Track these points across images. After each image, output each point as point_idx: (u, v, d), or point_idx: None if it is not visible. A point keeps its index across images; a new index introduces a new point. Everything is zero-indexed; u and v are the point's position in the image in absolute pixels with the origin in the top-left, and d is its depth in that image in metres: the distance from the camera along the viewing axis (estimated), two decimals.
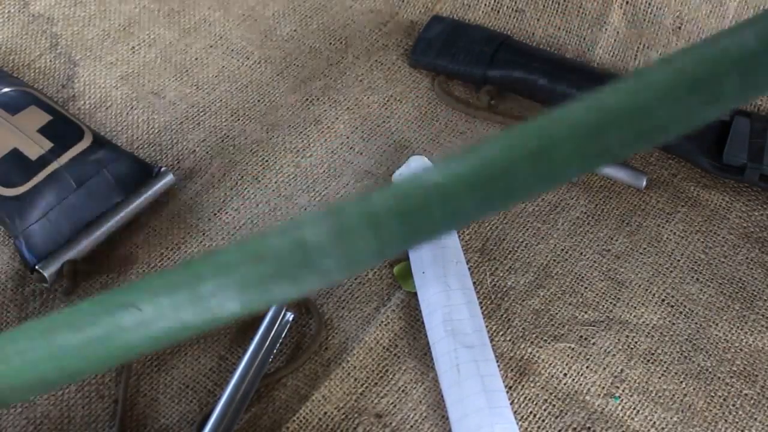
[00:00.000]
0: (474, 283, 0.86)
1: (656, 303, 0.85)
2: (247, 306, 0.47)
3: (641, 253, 0.89)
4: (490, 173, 0.44)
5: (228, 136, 0.99)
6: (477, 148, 0.45)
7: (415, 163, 0.92)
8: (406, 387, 0.80)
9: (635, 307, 0.85)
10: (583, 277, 0.87)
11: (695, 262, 0.88)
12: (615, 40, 1.04)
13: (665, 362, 0.81)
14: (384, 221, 0.44)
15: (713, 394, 0.79)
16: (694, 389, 0.79)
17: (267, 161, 0.97)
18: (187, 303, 0.47)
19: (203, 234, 0.91)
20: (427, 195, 0.44)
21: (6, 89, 0.95)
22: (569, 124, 0.44)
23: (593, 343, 0.82)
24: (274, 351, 0.81)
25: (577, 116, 0.44)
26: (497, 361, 0.80)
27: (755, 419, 0.77)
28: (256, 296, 0.46)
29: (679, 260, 0.88)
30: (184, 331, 0.48)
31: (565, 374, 0.80)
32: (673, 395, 0.79)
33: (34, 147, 0.89)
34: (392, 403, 0.79)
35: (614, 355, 0.81)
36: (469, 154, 0.45)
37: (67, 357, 0.50)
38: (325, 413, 0.78)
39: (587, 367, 0.81)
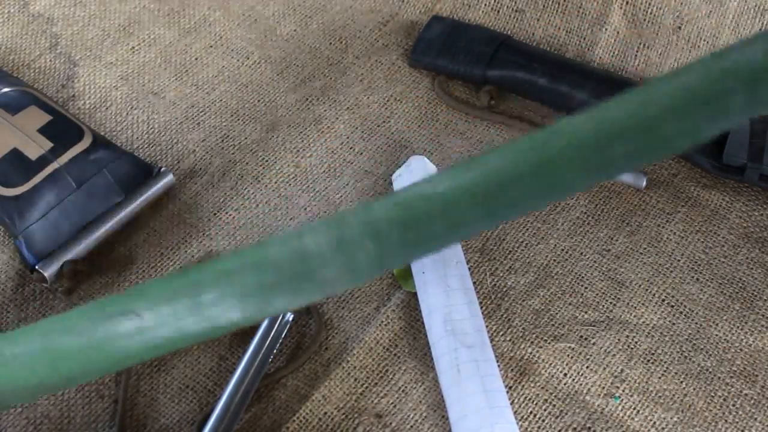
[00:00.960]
0: (474, 283, 0.86)
1: (656, 303, 0.85)
2: (248, 315, 0.46)
3: (641, 253, 0.89)
4: (494, 185, 0.43)
5: (228, 136, 0.99)
6: (481, 159, 0.44)
7: (416, 163, 0.92)
8: (406, 387, 0.80)
9: (635, 307, 0.85)
10: (583, 277, 0.87)
11: (695, 262, 0.88)
12: (615, 40, 1.04)
13: (665, 362, 0.81)
14: (385, 232, 0.44)
15: (713, 394, 0.79)
16: (694, 389, 0.79)
17: (267, 161, 0.97)
18: (186, 311, 0.46)
19: (203, 234, 0.91)
20: (429, 206, 0.44)
21: (6, 89, 0.95)
22: (574, 136, 0.43)
23: (593, 343, 0.82)
24: (274, 351, 0.81)
25: (582, 129, 0.43)
26: (497, 361, 0.80)
27: (755, 419, 0.77)
28: (257, 305, 0.46)
29: (679, 260, 0.88)
30: (183, 339, 0.48)
31: (565, 374, 0.80)
32: (673, 395, 0.79)
33: (34, 147, 0.89)
34: (392, 403, 0.79)
35: (614, 355, 0.81)
36: (473, 165, 0.44)
37: (65, 361, 0.50)
38: (325, 413, 0.78)
39: (587, 367, 0.81)
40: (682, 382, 0.80)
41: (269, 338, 0.80)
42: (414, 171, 0.91)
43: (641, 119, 0.43)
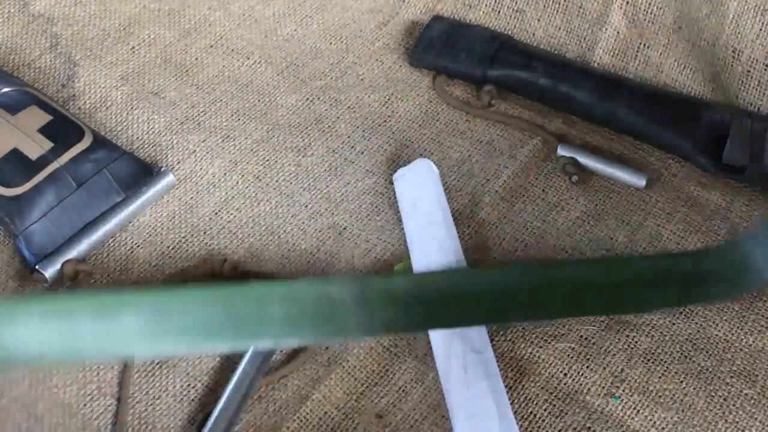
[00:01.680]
0: None
1: None
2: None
3: (641, 253, 0.89)
4: (501, 295, 0.52)
5: (229, 136, 0.99)
6: (499, 271, 0.55)
7: (419, 165, 0.92)
8: (406, 387, 0.80)
9: None
10: None
11: None
12: (615, 40, 1.04)
13: (665, 362, 0.81)
14: (404, 301, 0.50)
15: (713, 394, 0.79)
16: (694, 389, 0.79)
17: (268, 161, 0.97)
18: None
19: (204, 233, 0.91)
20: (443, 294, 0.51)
21: (6, 89, 0.95)
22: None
23: (593, 343, 0.82)
24: (275, 351, 0.81)
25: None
26: (497, 361, 0.80)
27: (755, 419, 0.77)
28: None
29: None
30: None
31: (565, 374, 0.80)
32: (673, 395, 0.79)
33: (35, 147, 0.89)
34: (392, 403, 0.79)
35: (614, 355, 0.81)
36: (489, 274, 0.54)
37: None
38: (325, 413, 0.78)
39: (587, 367, 0.81)
40: (682, 381, 0.80)
41: None
42: (416, 172, 0.91)
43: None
